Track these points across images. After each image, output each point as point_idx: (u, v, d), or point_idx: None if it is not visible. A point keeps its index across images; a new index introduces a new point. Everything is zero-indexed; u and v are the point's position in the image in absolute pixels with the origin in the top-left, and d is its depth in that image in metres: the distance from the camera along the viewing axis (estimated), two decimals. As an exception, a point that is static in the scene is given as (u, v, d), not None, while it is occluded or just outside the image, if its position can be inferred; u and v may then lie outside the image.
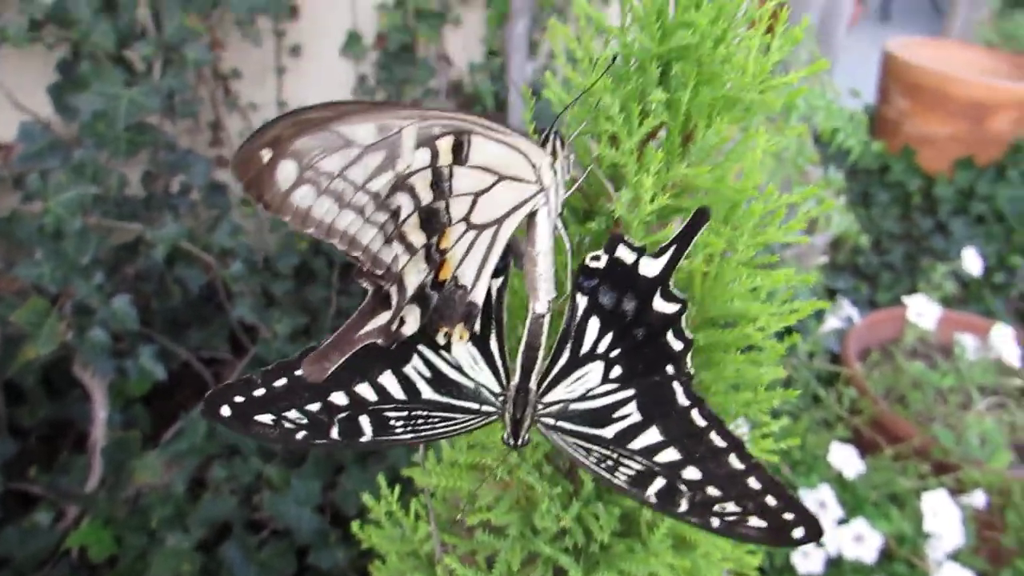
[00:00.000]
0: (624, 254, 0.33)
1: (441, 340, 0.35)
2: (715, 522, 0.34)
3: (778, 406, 0.44)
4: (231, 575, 1.00)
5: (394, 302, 0.32)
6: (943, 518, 0.92)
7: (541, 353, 0.36)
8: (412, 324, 0.33)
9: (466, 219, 0.32)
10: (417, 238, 0.31)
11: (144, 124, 1.16)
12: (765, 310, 0.36)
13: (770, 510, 0.33)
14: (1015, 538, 0.99)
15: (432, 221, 0.31)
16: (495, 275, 0.35)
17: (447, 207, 0.31)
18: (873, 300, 1.94)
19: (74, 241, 1.03)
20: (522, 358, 0.36)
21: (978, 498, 0.99)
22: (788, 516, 0.33)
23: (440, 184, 0.30)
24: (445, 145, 0.29)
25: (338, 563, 1.03)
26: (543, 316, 0.35)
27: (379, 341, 0.32)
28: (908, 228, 2.28)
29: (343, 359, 0.32)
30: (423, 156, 0.29)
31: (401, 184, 0.29)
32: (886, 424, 1.18)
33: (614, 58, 0.35)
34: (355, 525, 0.53)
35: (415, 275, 0.32)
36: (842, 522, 0.94)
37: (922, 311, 1.19)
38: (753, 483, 0.33)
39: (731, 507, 0.33)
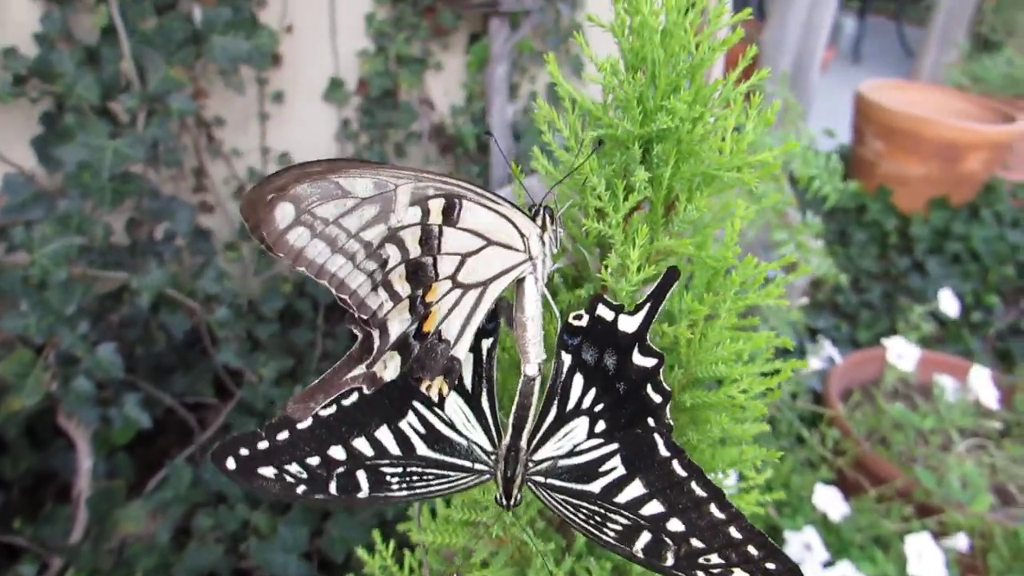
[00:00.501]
0: (604, 312, 0.35)
1: (424, 392, 0.36)
2: (700, 575, 0.34)
3: (764, 458, 0.45)
4: (217, 628, 0.99)
5: (375, 346, 0.34)
6: (927, 561, 0.93)
7: (532, 412, 0.37)
8: (392, 371, 0.34)
9: (452, 277, 0.34)
10: (402, 288, 0.33)
11: (129, 173, 1.17)
12: (748, 371, 0.37)
13: (753, 560, 0.33)
14: (998, 580, 1.00)
15: (419, 274, 0.33)
16: (486, 335, 0.37)
17: (435, 263, 0.33)
18: (854, 338, 1.96)
19: (59, 292, 1.03)
20: (513, 417, 0.37)
21: (961, 541, 1.00)
22: (770, 566, 0.33)
23: (429, 241, 0.33)
24: (436, 206, 0.32)
25: (325, 612, 1.02)
26: (534, 379, 0.37)
27: (364, 387, 0.34)
28: (886, 267, 2.31)
29: (328, 400, 0.34)
30: (414, 213, 0.32)
31: (392, 236, 0.32)
32: (869, 465, 1.19)
33: (600, 142, 0.37)
34: None
35: (398, 323, 0.34)
36: (828, 565, 0.94)
37: (902, 353, 1.21)
38: (735, 533, 0.33)
39: (715, 559, 0.34)
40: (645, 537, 0.35)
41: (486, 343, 0.38)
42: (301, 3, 1.47)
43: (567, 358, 0.36)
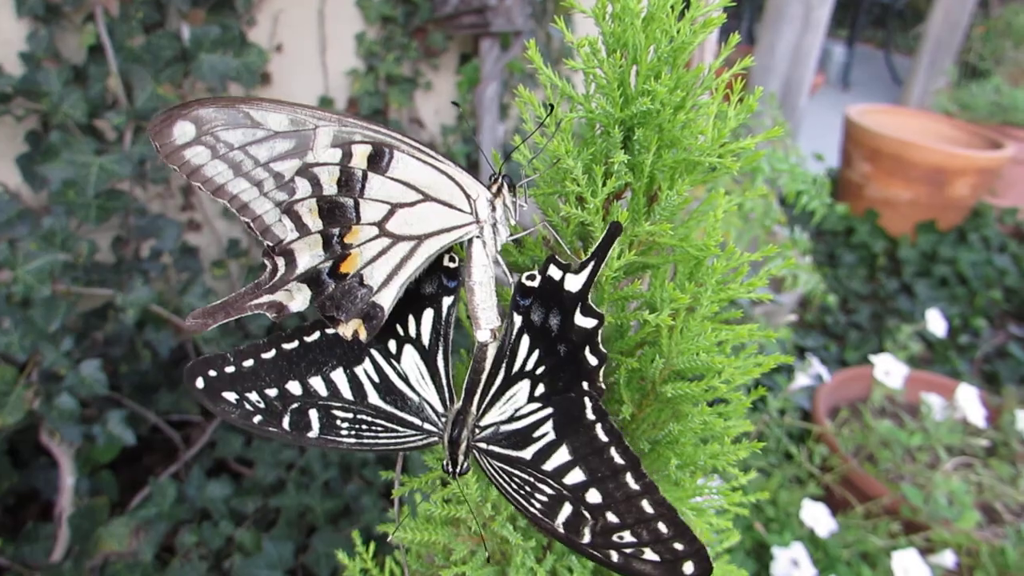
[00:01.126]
0: (554, 272, 0.35)
1: (392, 347, 0.37)
2: (614, 556, 0.34)
3: (750, 463, 0.45)
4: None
5: (279, 273, 0.35)
6: (914, 577, 0.92)
7: (483, 377, 0.37)
8: (300, 302, 0.35)
9: (380, 224, 0.35)
10: (312, 222, 0.34)
11: (115, 191, 1.16)
12: (730, 363, 0.37)
13: (662, 539, 0.33)
14: (986, 597, 1.00)
15: (335, 213, 0.34)
16: (446, 294, 0.38)
17: (356, 206, 0.34)
18: (842, 359, 1.96)
19: (42, 309, 1.02)
20: (467, 381, 0.38)
21: (947, 558, 0.99)
22: (678, 546, 0.32)
23: (350, 183, 0.33)
24: (360, 151, 0.33)
25: (308, 630, 1.01)
26: (486, 344, 0.37)
27: (269, 315, 0.35)
28: (874, 289, 2.32)
29: (227, 320, 0.35)
30: (334, 154, 0.33)
31: (304, 171, 0.33)
32: (856, 482, 1.18)
33: (551, 106, 0.37)
34: None
35: (308, 256, 0.34)
36: (815, 582, 0.94)
37: (889, 370, 1.21)
38: (647, 507, 0.33)
39: (628, 536, 0.33)
40: (566, 509, 0.34)
41: (446, 301, 0.38)
42: (291, 22, 1.48)
43: (518, 319, 0.36)
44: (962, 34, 3.54)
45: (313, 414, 0.38)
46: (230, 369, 0.37)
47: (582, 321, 0.34)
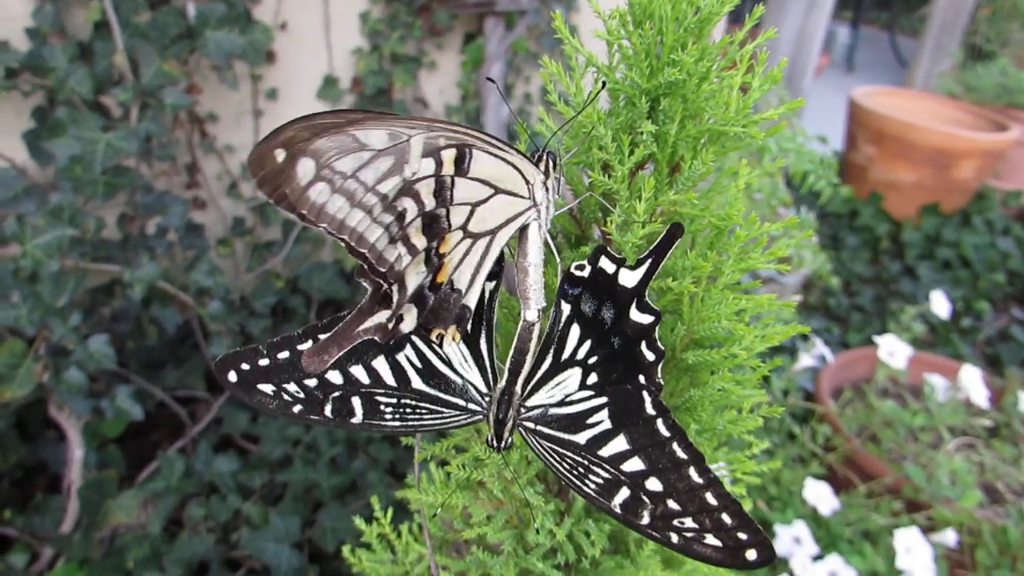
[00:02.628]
0: (606, 264, 0.35)
1: (435, 340, 0.36)
2: (674, 538, 0.34)
3: (756, 453, 0.46)
4: (207, 616, 0.99)
5: (395, 300, 0.33)
6: (915, 555, 0.93)
7: (528, 358, 0.37)
8: (409, 323, 0.34)
9: (464, 227, 0.34)
10: (419, 241, 0.33)
11: (121, 167, 1.16)
12: (750, 331, 0.37)
13: (725, 528, 0.33)
14: None
15: (433, 226, 0.33)
16: (489, 279, 0.37)
17: (448, 214, 0.33)
18: (845, 341, 1.96)
19: (50, 283, 1.03)
20: (510, 362, 0.38)
21: (949, 537, 1.00)
22: (742, 536, 0.33)
23: (442, 192, 0.32)
24: (449, 156, 0.32)
25: (315, 602, 1.02)
26: (534, 324, 0.37)
27: (376, 338, 0.34)
28: (877, 271, 2.32)
29: (341, 353, 0.34)
30: (428, 165, 0.31)
31: (408, 189, 0.31)
32: (859, 461, 1.19)
33: (603, 84, 0.37)
34: (346, 549, 0.53)
35: (415, 276, 0.34)
36: (817, 558, 0.94)
37: (893, 350, 1.21)
38: (711, 498, 0.34)
39: (689, 523, 0.34)
40: (624, 493, 0.35)
41: (488, 286, 0.38)
42: (295, 0, 1.48)
43: (566, 308, 0.36)
44: (967, 16, 3.53)
45: (356, 401, 0.38)
46: (264, 362, 0.37)
47: (638, 317, 0.35)
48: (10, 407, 1.11)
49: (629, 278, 0.35)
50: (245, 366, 0.37)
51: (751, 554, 0.33)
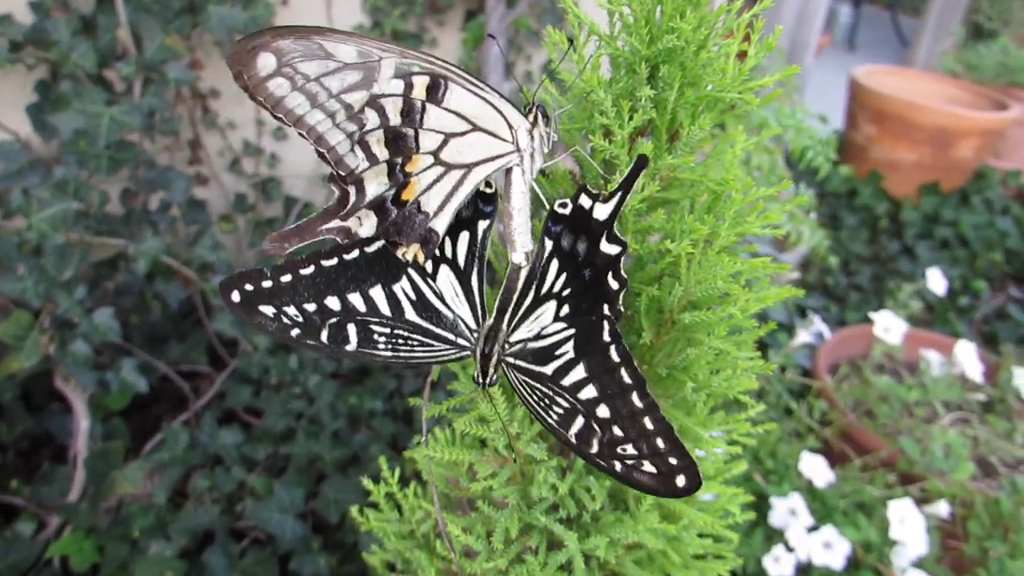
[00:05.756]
0: (584, 200, 0.37)
1: (428, 267, 0.39)
2: (618, 466, 0.36)
3: (752, 416, 0.48)
4: (214, 583, 1.00)
5: (351, 201, 0.37)
6: (909, 526, 0.95)
7: (515, 296, 0.39)
8: (368, 228, 0.37)
9: (435, 154, 0.36)
10: (380, 152, 0.36)
11: (125, 142, 1.17)
12: (745, 293, 0.39)
13: (659, 453, 0.35)
14: (977, 547, 1.02)
15: (399, 143, 0.36)
16: (483, 218, 0.40)
17: (416, 136, 0.36)
18: (842, 320, 1.98)
19: (55, 256, 1.04)
20: (499, 300, 0.40)
21: (942, 508, 1.02)
22: (673, 461, 0.35)
23: (411, 114, 0.35)
24: (421, 82, 0.34)
25: (320, 570, 1.03)
26: (520, 266, 0.39)
27: (338, 238, 0.37)
28: (876, 250, 2.33)
29: (302, 244, 0.37)
30: (397, 85, 0.34)
31: (372, 102, 0.34)
32: (855, 436, 1.21)
33: (570, 41, 0.39)
34: (354, 509, 0.55)
35: (376, 185, 0.36)
36: (812, 529, 0.96)
37: (889, 326, 1.23)
38: (648, 423, 0.35)
39: (630, 449, 0.36)
40: (579, 422, 0.37)
41: (482, 224, 0.40)
42: (298, -25, 1.48)
43: (548, 244, 0.38)
44: (970, -5, 3.52)
45: (351, 328, 0.40)
46: (267, 284, 0.39)
47: (607, 248, 0.36)
48: (16, 378, 1.12)
49: (602, 211, 0.36)
50: (248, 287, 0.39)
51: (680, 480, 0.35)
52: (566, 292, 0.38)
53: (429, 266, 0.40)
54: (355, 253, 0.39)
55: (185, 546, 1.03)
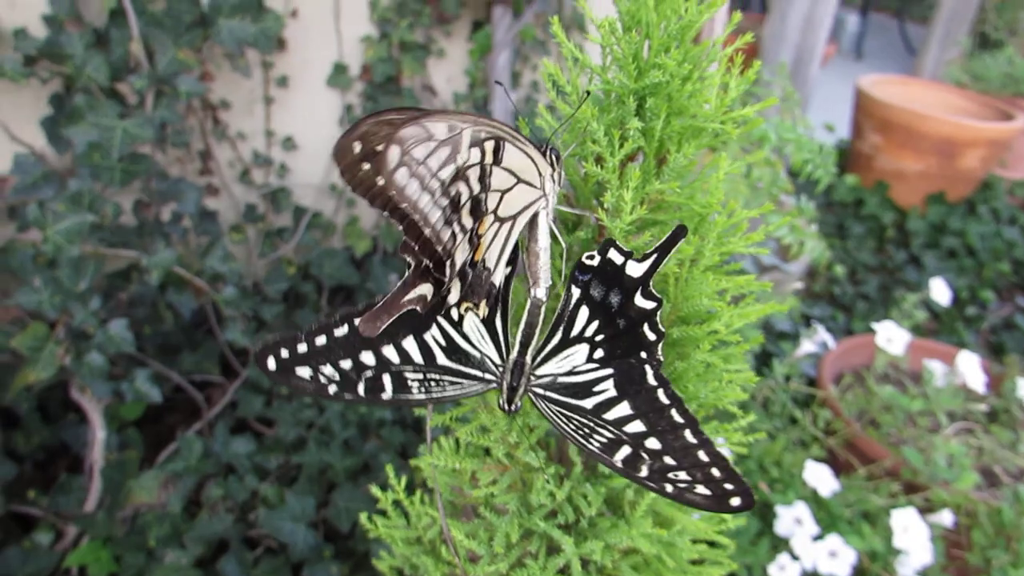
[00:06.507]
0: (615, 256, 0.39)
1: (455, 315, 0.42)
2: (668, 488, 0.39)
3: (756, 426, 0.50)
4: (228, 590, 1.02)
5: (448, 274, 0.38)
6: (912, 535, 0.96)
7: (537, 332, 0.42)
8: (455, 295, 0.39)
9: (495, 212, 0.38)
10: (467, 222, 0.37)
11: (137, 154, 1.19)
12: (729, 309, 0.42)
13: (714, 480, 0.38)
14: (981, 557, 1.03)
15: (477, 209, 0.37)
16: (507, 264, 0.42)
17: (487, 199, 0.38)
18: (849, 329, 1.98)
19: (70, 268, 1.05)
20: (521, 335, 0.42)
21: (946, 517, 1.02)
22: (728, 487, 0.38)
23: (484, 179, 0.37)
24: (489, 147, 0.36)
25: (331, 577, 1.05)
26: (543, 302, 0.41)
27: (418, 308, 0.38)
28: (882, 260, 2.34)
29: (391, 320, 0.38)
30: (476, 154, 0.35)
31: (461, 175, 0.35)
32: (859, 445, 1.22)
33: (587, 93, 0.41)
34: (363, 516, 0.57)
35: (461, 254, 0.38)
36: (817, 538, 0.97)
37: (891, 337, 1.23)
38: (703, 456, 0.38)
39: (683, 476, 0.39)
40: (625, 450, 0.40)
41: (506, 270, 0.43)
42: (307, -11, 1.50)
43: (576, 291, 0.41)
44: (976, 4, 3.52)
45: (386, 378, 0.42)
46: (303, 348, 0.41)
47: (643, 303, 0.39)
48: (33, 390, 1.14)
49: (636, 269, 0.39)
50: (284, 353, 0.41)
51: (735, 501, 0.38)
52: (599, 337, 0.40)
53: (455, 313, 0.42)
54: None
55: (200, 555, 1.04)
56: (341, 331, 0.41)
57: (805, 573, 0.97)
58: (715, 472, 0.38)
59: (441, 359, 0.43)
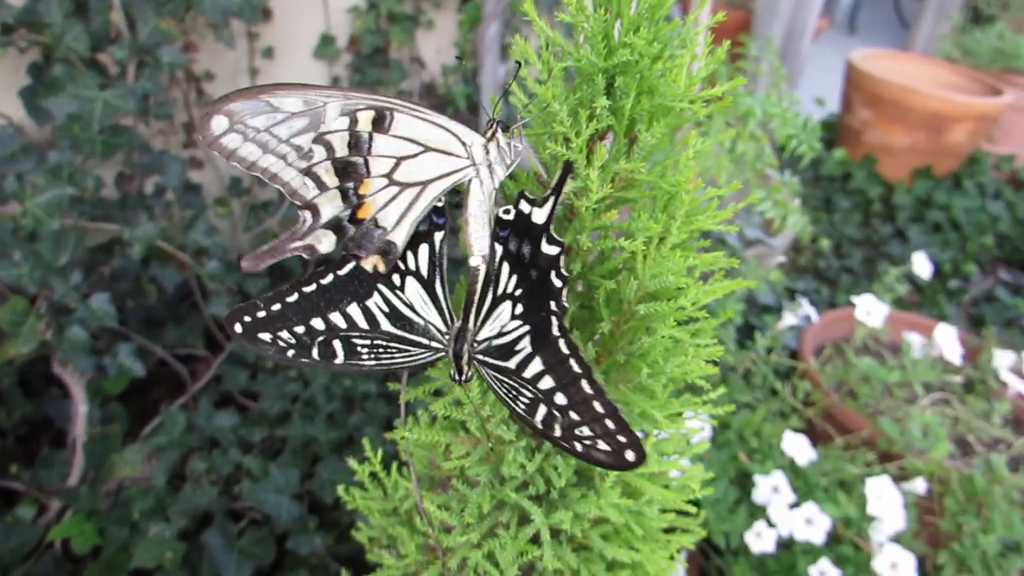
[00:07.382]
0: (524, 206, 0.40)
1: (396, 280, 0.44)
2: (578, 446, 0.40)
3: (736, 398, 0.51)
4: (213, 562, 1.03)
5: (307, 223, 0.41)
6: (886, 502, 0.97)
7: (476, 298, 0.43)
8: (327, 245, 0.42)
9: (388, 176, 0.41)
10: (330, 180, 0.40)
11: (119, 126, 1.18)
12: (696, 286, 0.42)
13: (610, 433, 0.38)
14: (952, 523, 1.05)
15: (348, 170, 0.40)
16: (438, 230, 0.44)
17: (366, 163, 0.40)
18: (833, 302, 2.00)
19: (51, 242, 1.05)
20: (464, 302, 0.43)
21: (919, 485, 1.04)
22: (622, 439, 0.38)
23: (358, 144, 0.40)
24: (365, 116, 0.39)
25: (316, 549, 1.06)
26: (477, 269, 0.42)
27: (305, 255, 0.41)
28: (868, 234, 2.35)
29: (274, 261, 0.41)
30: (342, 122, 0.39)
31: (319, 139, 0.39)
32: (837, 416, 1.23)
33: (549, 73, 0.41)
34: (340, 488, 0.58)
35: (330, 208, 0.41)
36: (794, 506, 0.99)
37: (870, 310, 1.25)
38: (598, 407, 0.38)
39: (587, 431, 0.39)
40: (543, 410, 0.40)
41: (438, 236, 0.44)
42: (291, -41, 1.48)
43: (499, 248, 0.42)
44: (970, -22, 3.51)
45: (337, 344, 0.44)
46: (261, 313, 0.43)
47: (548, 248, 0.40)
48: (14, 364, 1.14)
49: (539, 215, 0.40)
50: (247, 318, 0.43)
51: (629, 455, 0.38)
52: (518, 292, 0.41)
53: (396, 279, 0.44)
54: (330, 277, 0.44)
55: (184, 527, 1.05)
56: (292, 298, 0.43)
57: (781, 540, 0.99)
58: (609, 424, 0.38)
59: (385, 325, 0.44)
